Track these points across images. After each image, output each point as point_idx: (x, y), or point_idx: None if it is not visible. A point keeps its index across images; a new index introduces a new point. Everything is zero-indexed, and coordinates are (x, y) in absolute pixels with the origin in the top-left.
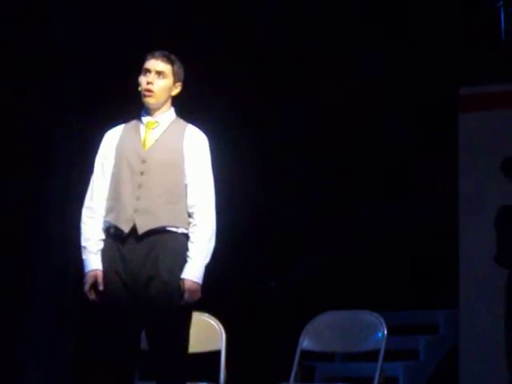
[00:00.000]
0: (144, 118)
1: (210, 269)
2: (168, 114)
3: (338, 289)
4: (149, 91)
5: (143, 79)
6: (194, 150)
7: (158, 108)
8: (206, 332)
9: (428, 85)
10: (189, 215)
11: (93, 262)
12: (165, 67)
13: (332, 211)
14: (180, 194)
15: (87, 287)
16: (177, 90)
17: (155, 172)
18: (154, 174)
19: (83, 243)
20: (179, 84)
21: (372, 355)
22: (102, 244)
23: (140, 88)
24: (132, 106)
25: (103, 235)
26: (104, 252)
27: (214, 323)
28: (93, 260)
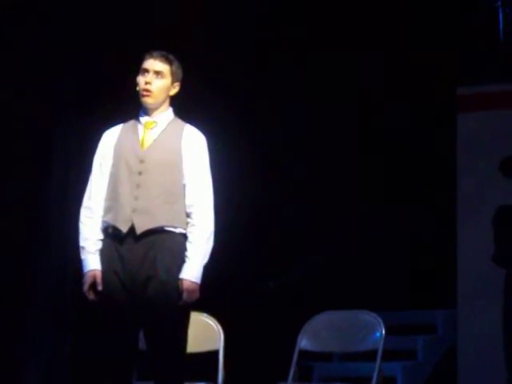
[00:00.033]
0: (142, 118)
1: (209, 269)
2: (166, 114)
3: (336, 289)
4: (147, 91)
5: (141, 79)
6: (193, 150)
7: (156, 108)
8: (204, 332)
9: (427, 85)
10: (187, 215)
11: (91, 262)
12: (163, 67)
13: (330, 211)
14: (178, 194)
15: (86, 287)
16: (175, 90)
17: (153, 172)
18: (152, 174)
19: (82, 243)
20: (177, 84)
21: (370, 355)
22: (101, 244)
23: (138, 88)
24: (130, 106)
25: (101, 235)
26: (102, 252)
27: (212, 323)
28: (91, 260)
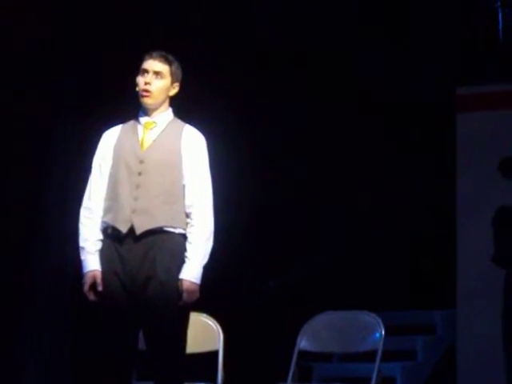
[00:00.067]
0: (142, 119)
1: (208, 269)
2: (166, 115)
3: (336, 289)
4: (146, 91)
5: (141, 79)
6: (192, 151)
7: (156, 108)
8: (204, 332)
9: (426, 85)
10: (186, 215)
11: (91, 263)
12: (162, 67)
13: (330, 211)
14: (177, 195)
15: (86, 288)
16: (175, 91)
17: (153, 172)
18: (152, 175)
19: (81, 244)
20: (177, 84)
21: (370, 355)
22: (100, 244)
23: (138, 88)
24: (130, 107)
25: (101, 235)
26: (102, 252)
27: (212, 323)
28: (91, 260)
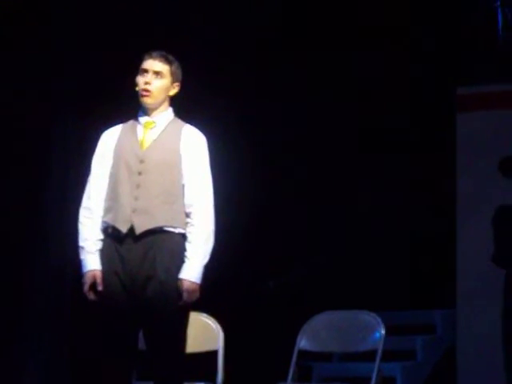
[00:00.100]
0: (142, 118)
1: (208, 269)
2: (166, 114)
3: (336, 289)
4: (146, 91)
5: (141, 79)
6: (192, 150)
7: (156, 108)
8: (204, 332)
9: (426, 85)
10: (186, 215)
11: (91, 263)
12: (162, 67)
13: (331, 211)
14: (177, 194)
15: (86, 287)
16: (175, 90)
17: (153, 172)
18: (152, 174)
19: (81, 243)
20: (177, 84)
21: (369, 355)
22: (100, 244)
23: (137, 88)
24: (130, 106)
25: (101, 235)
26: (102, 252)
27: (212, 323)
28: (91, 260)
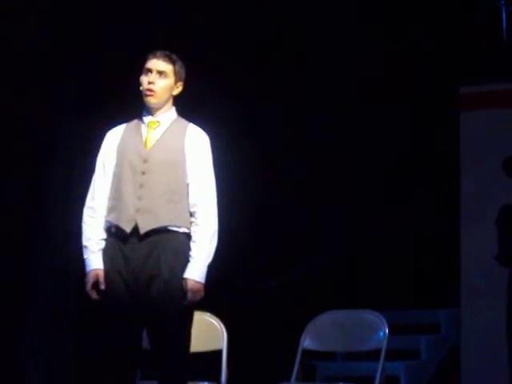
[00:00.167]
0: (145, 118)
1: (212, 268)
2: (169, 114)
3: (339, 288)
4: (150, 91)
5: (144, 79)
6: (196, 149)
7: (160, 108)
8: (208, 331)
9: (429, 84)
10: (191, 214)
11: (94, 262)
12: (166, 67)
13: (333, 211)
14: (181, 194)
15: (89, 287)
16: (178, 90)
17: (157, 171)
18: (156, 174)
19: (84, 243)
20: (180, 84)
21: (373, 354)
22: (104, 243)
23: (141, 88)
24: (133, 106)
25: (104, 235)
26: (105, 252)
27: (216, 323)
28: (94, 259)
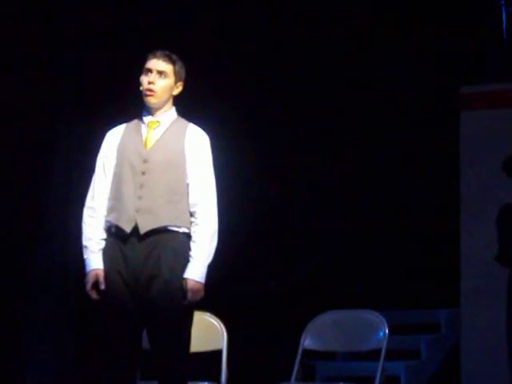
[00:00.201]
0: (145, 118)
1: (212, 268)
2: (169, 114)
3: (339, 288)
4: (150, 91)
5: (144, 79)
6: (196, 149)
7: (160, 108)
8: (208, 331)
9: (429, 84)
10: (191, 214)
11: (94, 262)
12: (166, 67)
13: (334, 211)
14: (182, 194)
15: (89, 286)
16: (178, 90)
17: (157, 171)
18: (156, 174)
19: (84, 243)
20: (181, 84)
21: (373, 354)
22: (104, 243)
23: (141, 88)
24: (133, 106)
25: (104, 235)
26: (105, 252)
27: (216, 322)
28: (94, 259)
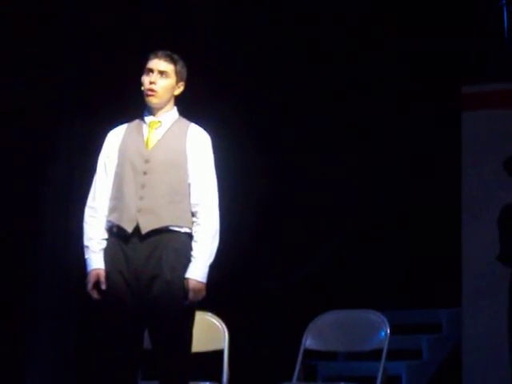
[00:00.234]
0: (147, 118)
1: (214, 268)
2: (171, 114)
3: (341, 288)
4: (151, 91)
5: (146, 79)
6: (197, 149)
7: (161, 108)
8: (209, 331)
9: (431, 84)
10: (192, 214)
11: (95, 261)
12: (167, 67)
13: (334, 211)
14: (183, 194)
15: (90, 286)
16: (179, 90)
17: (158, 172)
18: (157, 174)
19: (86, 242)
20: (182, 83)
21: (375, 354)
22: (105, 243)
23: (143, 87)
24: (135, 106)
25: (106, 235)
26: (107, 251)
27: (217, 322)
28: (95, 259)
